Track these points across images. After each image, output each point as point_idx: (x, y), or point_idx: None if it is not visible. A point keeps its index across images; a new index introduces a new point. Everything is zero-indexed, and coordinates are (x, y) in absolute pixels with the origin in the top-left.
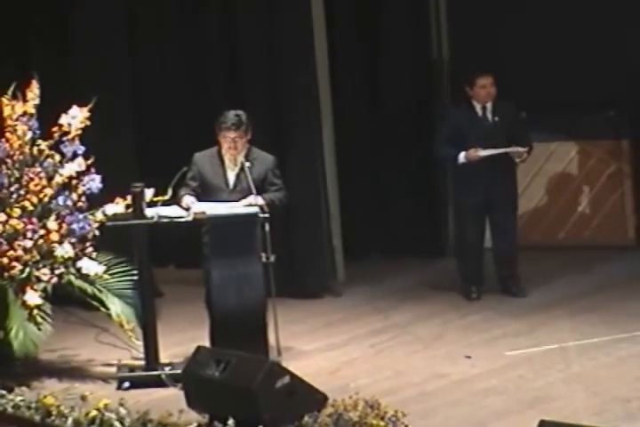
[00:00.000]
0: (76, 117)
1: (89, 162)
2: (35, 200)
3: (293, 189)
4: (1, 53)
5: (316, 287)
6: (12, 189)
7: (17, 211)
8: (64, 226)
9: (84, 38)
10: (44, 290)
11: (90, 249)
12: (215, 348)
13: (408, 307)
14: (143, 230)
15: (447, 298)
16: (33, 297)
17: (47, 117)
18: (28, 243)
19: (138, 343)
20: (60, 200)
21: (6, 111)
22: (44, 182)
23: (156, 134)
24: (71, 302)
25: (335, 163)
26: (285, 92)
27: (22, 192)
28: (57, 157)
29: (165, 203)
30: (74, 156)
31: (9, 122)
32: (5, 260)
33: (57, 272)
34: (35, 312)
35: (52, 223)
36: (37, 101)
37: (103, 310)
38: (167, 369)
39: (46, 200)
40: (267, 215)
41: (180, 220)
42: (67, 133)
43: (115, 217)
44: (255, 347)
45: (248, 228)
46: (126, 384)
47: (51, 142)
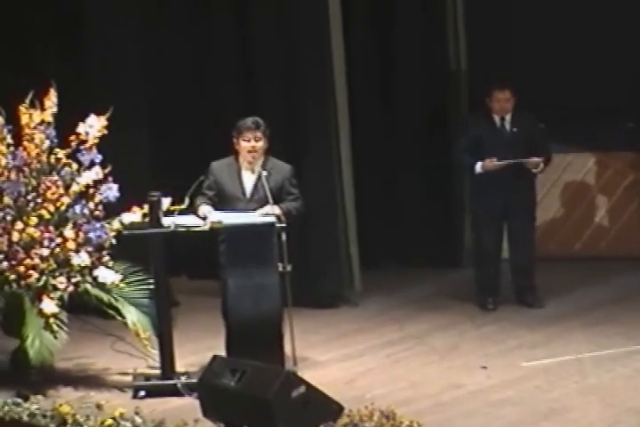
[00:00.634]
0: (94, 126)
1: (106, 171)
2: (52, 209)
3: (310, 198)
4: (18, 62)
5: (332, 297)
6: (30, 198)
7: (34, 219)
8: (81, 234)
9: (99, 45)
10: (61, 298)
11: (106, 258)
12: (231, 357)
13: (424, 317)
14: (160, 239)
15: (463, 309)
16: (49, 305)
17: (64, 126)
18: (45, 251)
19: (154, 352)
20: (77, 209)
21: (24, 120)
22: (62, 191)
23: (173, 143)
24: (87, 311)
25: (352, 171)
26: (301, 99)
27: (39, 200)
28: (74, 166)
29: (182, 212)
30: (91, 164)
31: (26, 130)
32: (22, 268)
33: (73, 281)
34: (51, 321)
35: (69, 232)
36: (55, 110)
37: (119, 319)
38: (183, 378)
39: (63, 209)
40: (283, 225)
41: (197, 229)
42: (84, 142)
43: (131, 226)
44: (271, 357)
45: (265, 237)
46: (142, 393)
47: (68, 151)
